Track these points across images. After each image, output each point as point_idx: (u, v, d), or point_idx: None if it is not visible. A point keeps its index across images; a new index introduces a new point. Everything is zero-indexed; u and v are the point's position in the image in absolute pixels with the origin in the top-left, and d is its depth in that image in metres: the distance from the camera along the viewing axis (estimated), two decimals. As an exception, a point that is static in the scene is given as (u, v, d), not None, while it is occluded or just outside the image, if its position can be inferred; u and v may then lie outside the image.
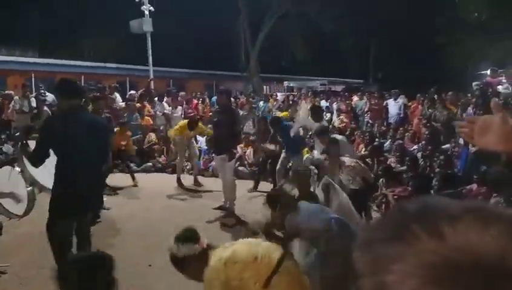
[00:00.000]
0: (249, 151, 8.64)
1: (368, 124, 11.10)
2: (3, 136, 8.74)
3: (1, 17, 19.60)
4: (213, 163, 8.01)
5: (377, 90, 15.77)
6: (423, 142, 8.23)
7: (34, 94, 9.28)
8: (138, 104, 10.06)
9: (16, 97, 9.23)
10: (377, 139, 9.09)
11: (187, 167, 8.28)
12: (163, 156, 9.22)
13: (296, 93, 17.75)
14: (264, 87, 24.13)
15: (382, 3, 20.42)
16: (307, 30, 23.00)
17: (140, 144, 9.33)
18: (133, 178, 7.53)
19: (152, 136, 9.70)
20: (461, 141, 7.13)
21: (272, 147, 7.31)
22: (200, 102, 13.14)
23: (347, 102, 12.62)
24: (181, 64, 21.44)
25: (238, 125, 6.13)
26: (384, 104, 11.54)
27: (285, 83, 23.74)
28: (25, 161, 3.48)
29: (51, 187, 3.40)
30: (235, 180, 6.14)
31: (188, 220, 5.42)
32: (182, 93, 13.17)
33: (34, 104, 9.03)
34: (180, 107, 11.36)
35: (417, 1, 20.54)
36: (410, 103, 11.51)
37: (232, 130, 5.77)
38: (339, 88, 21.91)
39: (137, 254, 4.46)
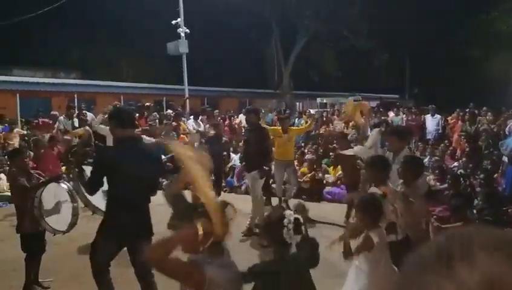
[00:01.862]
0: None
1: (405, 141, 10.81)
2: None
3: (46, 44, 20.85)
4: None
5: (413, 105, 15.39)
6: (464, 159, 7.93)
7: (76, 113, 9.67)
8: (174, 123, 10.31)
9: (61, 117, 9.66)
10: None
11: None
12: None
13: (329, 110, 17.62)
14: (297, 104, 24.12)
15: (414, 18, 20.12)
16: (339, 46, 22.94)
17: (174, 162, 9.51)
18: None
19: (187, 154, 9.86)
20: (505, 158, 6.82)
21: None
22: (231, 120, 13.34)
23: (383, 118, 12.35)
24: (216, 83, 21.90)
25: (268, 143, 6.15)
26: (422, 119, 11.24)
27: (318, 100, 23.61)
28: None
29: (103, 209, 3.45)
30: (263, 196, 6.16)
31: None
32: (216, 111, 13.46)
33: (77, 124, 9.44)
34: (217, 125, 11.60)
35: (452, 16, 20.14)
36: (449, 118, 11.18)
37: (262, 147, 5.82)
38: (373, 104, 21.51)
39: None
